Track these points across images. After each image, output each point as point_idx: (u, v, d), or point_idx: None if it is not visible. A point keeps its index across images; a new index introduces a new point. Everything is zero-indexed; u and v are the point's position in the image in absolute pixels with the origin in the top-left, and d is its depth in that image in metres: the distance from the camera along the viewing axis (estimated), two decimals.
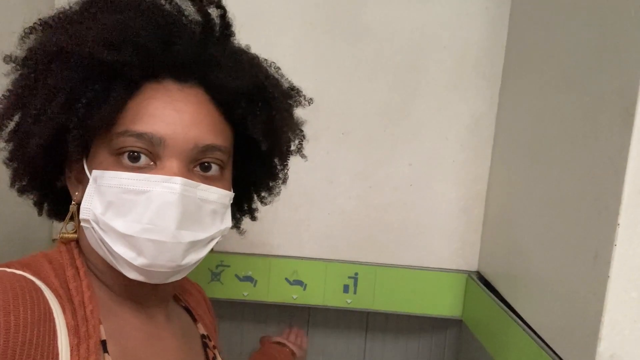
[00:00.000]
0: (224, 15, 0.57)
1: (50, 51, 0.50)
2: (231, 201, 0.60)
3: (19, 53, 0.53)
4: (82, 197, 0.53)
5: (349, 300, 1.06)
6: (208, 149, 0.54)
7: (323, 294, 1.06)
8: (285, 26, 1.00)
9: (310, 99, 0.66)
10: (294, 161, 0.70)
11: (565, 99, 0.70)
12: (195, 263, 0.56)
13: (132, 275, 0.52)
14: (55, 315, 0.47)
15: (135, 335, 0.56)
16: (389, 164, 1.03)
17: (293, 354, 1.02)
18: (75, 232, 0.56)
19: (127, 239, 0.50)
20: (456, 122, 1.01)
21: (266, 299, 1.06)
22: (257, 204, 0.72)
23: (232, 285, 1.06)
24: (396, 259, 1.05)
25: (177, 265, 0.53)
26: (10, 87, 0.53)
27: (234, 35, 0.59)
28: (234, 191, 0.60)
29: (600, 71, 0.61)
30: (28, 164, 0.54)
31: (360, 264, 1.05)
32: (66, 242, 0.57)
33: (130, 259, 0.51)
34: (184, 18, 0.55)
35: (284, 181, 0.70)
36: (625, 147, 0.53)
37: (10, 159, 0.55)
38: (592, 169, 0.60)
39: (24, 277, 0.48)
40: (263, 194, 0.71)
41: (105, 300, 0.56)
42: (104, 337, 0.51)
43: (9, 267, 0.50)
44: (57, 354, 0.45)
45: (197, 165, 0.55)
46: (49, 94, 0.49)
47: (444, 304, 1.05)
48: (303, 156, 0.69)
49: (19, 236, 0.90)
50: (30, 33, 0.53)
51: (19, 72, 0.53)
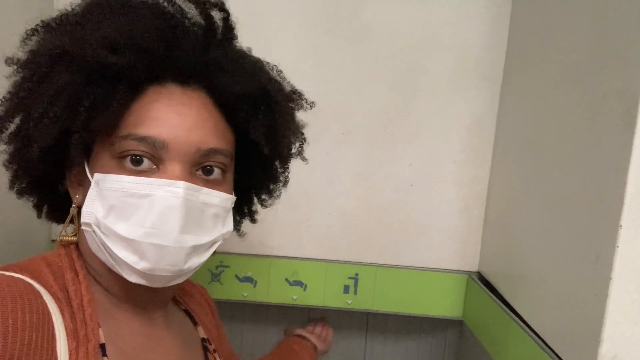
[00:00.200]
0: (226, 18, 0.57)
1: (53, 54, 0.49)
2: (233, 204, 0.59)
3: (21, 55, 0.52)
4: (83, 200, 0.53)
5: (349, 301, 1.06)
6: (210, 152, 0.54)
7: (323, 294, 1.06)
8: (286, 26, 1.00)
9: (312, 103, 0.66)
10: (294, 162, 0.69)
11: (566, 99, 0.70)
12: (196, 267, 0.56)
13: (134, 279, 0.52)
14: (54, 318, 0.47)
15: (134, 339, 0.56)
16: (390, 164, 1.03)
17: (315, 348, 1.00)
18: (74, 235, 0.56)
19: (130, 243, 0.50)
20: (457, 123, 1.01)
21: (266, 299, 1.06)
22: (257, 207, 0.72)
23: (232, 285, 1.05)
24: (397, 260, 1.05)
25: (179, 269, 0.52)
26: (11, 90, 0.52)
27: (237, 39, 0.59)
28: (234, 194, 0.60)
29: (602, 71, 0.61)
30: (28, 166, 0.54)
31: (361, 264, 1.05)
32: (65, 245, 0.56)
33: (133, 263, 0.50)
34: (186, 21, 0.54)
35: (285, 184, 0.70)
36: (627, 148, 0.53)
37: (10, 162, 0.55)
38: (594, 170, 0.60)
39: (23, 281, 0.48)
40: (263, 197, 0.70)
41: (104, 303, 0.55)
42: (102, 341, 0.51)
43: (8, 271, 0.49)
44: (56, 358, 0.45)
45: (200, 168, 0.54)
46: (52, 96, 0.49)
47: (444, 304, 1.05)
48: (304, 159, 0.69)
49: (18, 238, 0.90)
50: (32, 35, 0.52)
51: (21, 75, 0.52)
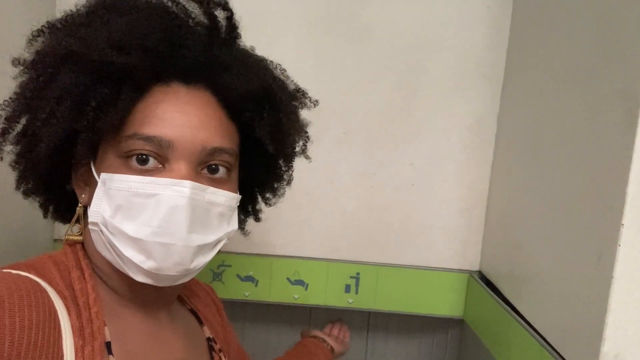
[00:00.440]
0: (230, 17, 0.57)
1: (59, 54, 0.50)
2: (238, 203, 0.60)
3: (27, 56, 0.53)
4: (89, 200, 0.54)
5: (350, 300, 1.06)
6: (216, 151, 0.54)
7: (325, 293, 1.06)
8: (287, 26, 1.00)
9: (316, 101, 0.67)
10: (295, 161, 0.69)
11: (567, 99, 0.70)
12: (202, 266, 0.56)
13: (140, 278, 0.52)
14: (60, 316, 0.47)
15: (140, 337, 0.56)
16: (391, 164, 1.03)
17: (332, 349, 0.99)
18: (80, 234, 0.56)
19: (137, 242, 0.50)
20: (458, 122, 1.02)
21: (268, 299, 1.06)
22: (261, 205, 0.72)
23: (234, 285, 1.06)
24: (398, 259, 1.05)
25: (186, 269, 0.53)
26: (18, 90, 0.52)
27: (241, 38, 0.59)
28: (239, 193, 0.60)
29: (604, 71, 0.61)
30: (35, 166, 0.54)
31: (362, 263, 1.05)
32: (71, 244, 0.56)
33: (139, 262, 0.51)
34: (190, 20, 0.55)
35: (289, 182, 0.70)
36: (629, 147, 0.54)
37: (17, 162, 0.55)
38: (595, 169, 0.61)
39: (29, 279, 0.48)
40: (267, 195, 0.70)
41: (110, 302, 0.56)
42: (108, 339, 0.51)
43: (15, 269, 0.50)
44: (62, 356, 0.45)
45: (205, 167, 0.55)
46: (58, 97, 0.49)
47: (445, 303, 1.06)
48: (307, 157, 0.69)
49: (21, 238, 0.90)
50: (38, 36, 0.53)
51: (27, 75, 0.52)
